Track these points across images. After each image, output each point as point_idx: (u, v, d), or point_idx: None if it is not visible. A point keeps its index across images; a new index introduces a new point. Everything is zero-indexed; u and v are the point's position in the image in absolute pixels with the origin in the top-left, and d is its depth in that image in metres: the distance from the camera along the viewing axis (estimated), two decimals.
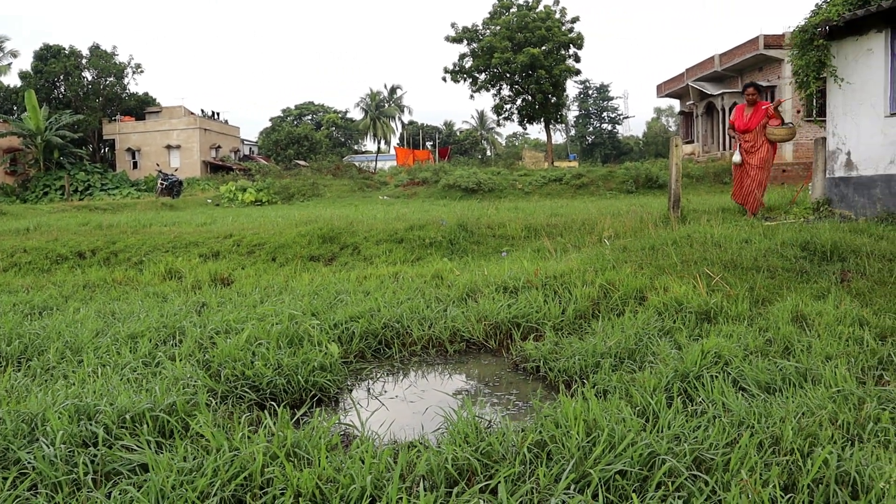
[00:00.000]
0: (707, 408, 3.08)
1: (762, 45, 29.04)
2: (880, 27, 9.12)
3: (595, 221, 9.27)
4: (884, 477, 2.26)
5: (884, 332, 4.24)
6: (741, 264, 5.96)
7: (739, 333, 4.26)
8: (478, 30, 43.11)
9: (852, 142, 9.61)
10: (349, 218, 12.61)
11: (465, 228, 9.83)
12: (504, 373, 4.56)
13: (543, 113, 43.16)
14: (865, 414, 2.89)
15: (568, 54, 43.28)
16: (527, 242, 9.11)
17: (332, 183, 30.82)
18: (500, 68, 41.26)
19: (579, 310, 5.26)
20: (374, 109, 73.25)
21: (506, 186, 26.73)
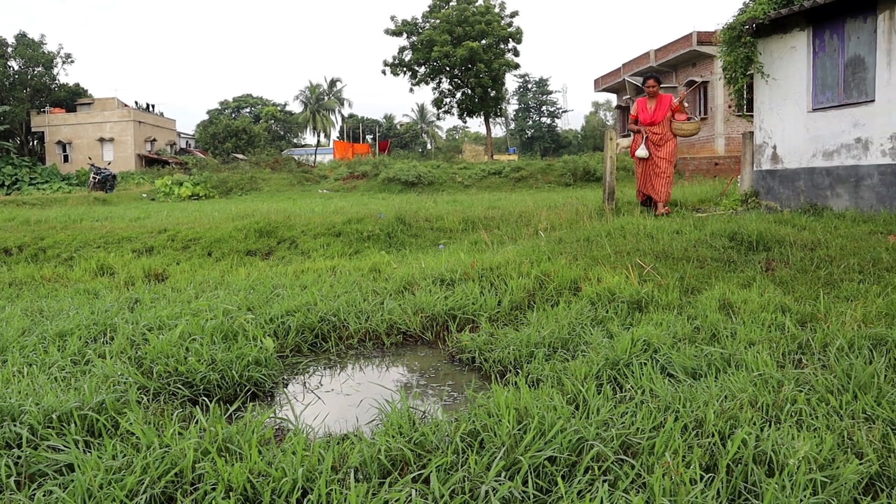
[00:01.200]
0: (635, 394, 3.16)
1: (695, 42, 29.73)
2: (803, 26, 9.45)
3: (532, 214, 9.39)
4: (796, 455, 2.36)
5: (804, 318, 4.40)
6: (672, 255, 6.12)
7: (669, 321, 4.37)
8: (417, 23, 43.05)
9: (778, 136, 9.94)
10: (287, 212, 12.48)
11: (404, 221, 9.84)
12: (440, 364, 4.59)
13: (483, 106, 43.38)
14: (783, 396, 3.00)
15: (507, 48, 43.60)
16: (464, 235, 9.17)
17: (271, 177, 30.40)
18: (440, 62, 41.31)
19: (515, 301, 5.32)
20: (314, 102, 72.46)
21: (445, 180, 26.79)
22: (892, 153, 8.39)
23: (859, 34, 8.81)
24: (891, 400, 2.99)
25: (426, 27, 42.49)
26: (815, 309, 4.50)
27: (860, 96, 8.80)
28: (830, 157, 9.21)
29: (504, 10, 43.19)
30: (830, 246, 6.29)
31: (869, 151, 8.66)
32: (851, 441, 2.67)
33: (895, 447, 2.60)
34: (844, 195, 9.01)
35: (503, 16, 43.02)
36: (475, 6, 42.29)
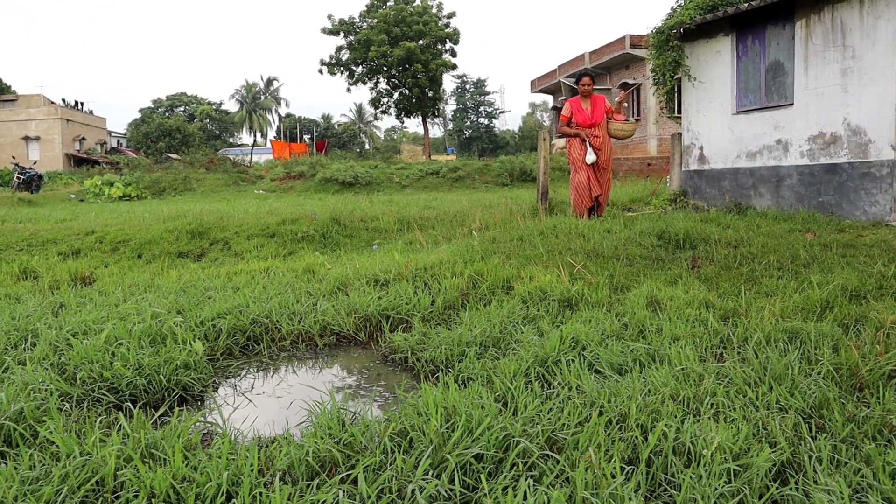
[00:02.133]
0: (562, 390, 3.22)
1: (628, 45, 30.41)
2: (727, 31, 9.76)
3: (467, 214, 9.46)
4: (710, 445, 2.45)
5: (726, 314, 4.55)
6: (603, 253, 6.25)
7: (598, 319, 4.46)
8: (354, 22, 42.83)
9: (705, 137, 10.24)
10: (221, 213, 12.28)
11: (339, 222, 9.79)
12: (373, 364, 4.59)
13: (420, 107, 43.43)
14: (703, 389, 3.10)
15: (445, 49, 43.76)
16: (399, 235, 9.17)
17: (206, 177, 29.83)
18: (377, 62, 41.20)
19: (448, 301, 5.36)
20: (250, 101, 71.43)
21: (383, 180, 26.73)
22: (809, 154, 8.74)
23: (779, 40, 9.15)
24: (803, 390, 3.12)
25: (363, 27, 42.32)
26: (737, 304, 4.66)
27: (780, 100, 9.15)
28: (753, 157, 9.54)
29: (441, 11, 43.34)
30: (753, 244, 6.52)
31: (789, 153, 9.01)
32: (766, 430, 2.78)
33: (805, 435, 2.72)
34: (767, 194, 9.35)
35: (440, 16, 43.17)
36: (413, 6, 42.31)
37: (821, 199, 8.65)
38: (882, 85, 7.87)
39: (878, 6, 7.87)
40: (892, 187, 7.84)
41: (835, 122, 8.43)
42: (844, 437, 2.69)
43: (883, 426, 2.76)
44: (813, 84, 8.67)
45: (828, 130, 8.53)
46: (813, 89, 8.67)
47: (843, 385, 3.25)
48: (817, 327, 3.93)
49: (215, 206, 15.51)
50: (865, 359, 3.42)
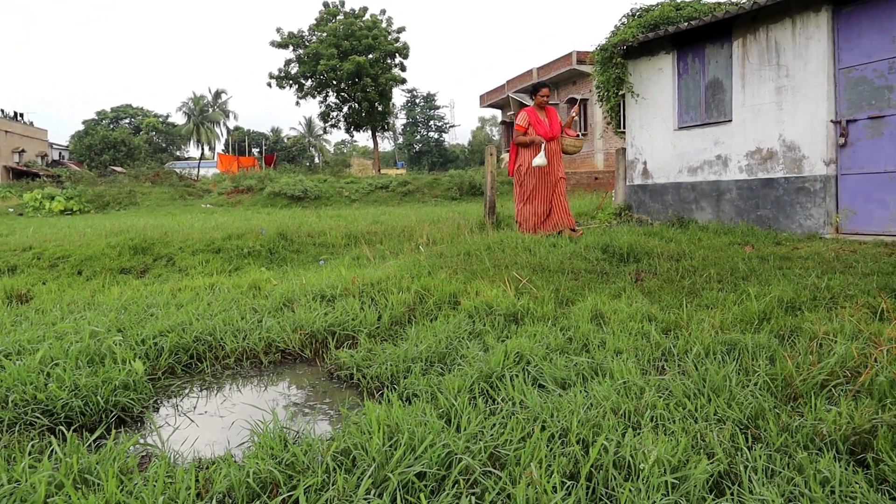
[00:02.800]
0: (506, 406, 3.24)
1: (575, 61, 30.93)
2: (668, 49, 10.00)
3: (415, 228, 9.46)
4: (649, 458, 2.48)
5: (668, 326, 4.63)
6: (548, 267, 6.32)
7: (543, 333, 4.50)
8: (304, 36, 42.68)
9: (648, 152, 10.44)
10: (165, 227, 12.05)
11: (286, 237, 9.70)
12: (318, 382, 4.54)
13: (370, 121, 43.40)
14: (644, 402, 3.15)
15: (394, 63, 43.86)
16: (347, 250, 9.13)
17: (151, 191, 29.26)
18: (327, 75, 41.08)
19: (395, 316, 5.34)
20: (198, 114, 70.39)
21: (332, 194, 26.59)
22: (747, 169, 8.99)
23: (718, 59, 9.41)
24: (740, 401, 3.19)
25: (313, 40, 42.18)
26: (679, 317, 4.74)
27: (720, 116, 9.40)
28: (695, 172, 9.77)
29: (391, 26, 43.47)
30: (694, 257, 6.66)
31: (728, 168, 9.25)
32: (704, 442, 2.82)
33: (742, 446, 2.78)
34: (708, 208, 9.57)
35: (390, 31, 43.29)
36: (362, 21, 42.35)
37: (759, 213, 8.90)
38: (814, 102, 8.15)
39: (809, 27, 8.17)
40: (825, 201, 8.11)
41: (771, 139, 8.70)
42: (779, 447, 2.76)
43: (815, 435, 2.83)
44: (750, 101, 8.93)
45: (764, 146, 8.79)
46: (750, 106, 8.94)
47: (779, 395, 3.32)
48: (755, 339, 4.02)
49: (160, 221, 15.23)
50: (799, 369, 3.50)
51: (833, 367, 3.44)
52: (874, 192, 7.71)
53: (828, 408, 3.03)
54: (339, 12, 42.93)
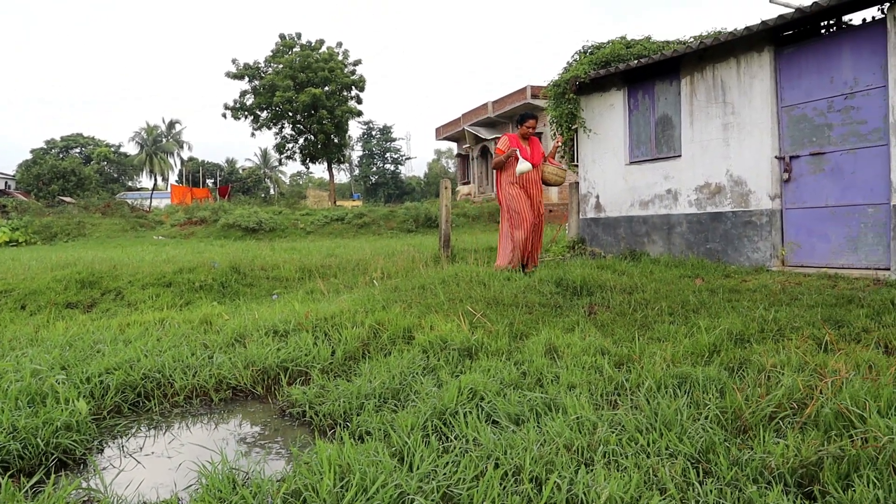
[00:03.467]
0: (459, 443, 3.21)
1: (529, 95, 31.44)
2: (619, 86, 10.23)
3: (370, 262, 9.42)
4: (601, 497, 2.48)
5: (621, 360, 4.66)
6: (503, 301, 6.33)
7: (497, 368, 4.49)
8: (260, 67, 42.65)
9: (600, 186, 10.61)
10: (115, 260, 11.80)
11: (239, 270, 9.57)
12: (270, 419, 4.46)
13: (326, 153, 43.38)
14: (597, 438, 3.15)
15: (350, 95, 44.04)
16: (301, 284, 9.04)
17: (102, 222, 28.70)
18: (283, 107, 41.02)
19: (349, 351, 5.29)
20: (151, 144, 69.52)
21: (287, 226, 26.41)
22: (697, 203, 9.19)
23: (667, 95, 9.65)
24: (691, 435, 3.21)
25: (269, 72, 42.14)
26: (631, 350, 4.78)
27: (669, 151, 9.62)
28: (646, 206, 9.95)
29: (348, 58, 43.71)
30: (646, 290, 6.75)
31: (678, 202, 9.44)
32: (656, 477, 2.84)
33: (693, 480, 2.79)
34: (659, 241, 9.74)
35: (346, 63, 43.51)
36: (318, 53, 42.51)
37: (708, 246, 9.08)
38: (759, 139, 8.40)
39: (753, 67, 8.44)
40: (771, 235, 8.32)
41: (719, 174, 8.92)
42: (729, 481, 2.78)
43: (764, 468, 2.86)
44: (698, 137, 9.17)
45: (713, 181, 9.01)
46: (698, 142, 9.17)
47: (729, 428, 3.36)
48: (705, 371, 4.06)
49: (110, 253, 14.92)
50: (748, 401, 3.55)
51: (781, 400, 3.49)
52: (817, 226, 7.94)
53: (776, 440, 3.07)
54: (295, 44, 43.03)
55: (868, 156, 7.40)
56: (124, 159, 74.04)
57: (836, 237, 7.76)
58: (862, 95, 7.44)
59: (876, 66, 7.29)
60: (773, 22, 7.77)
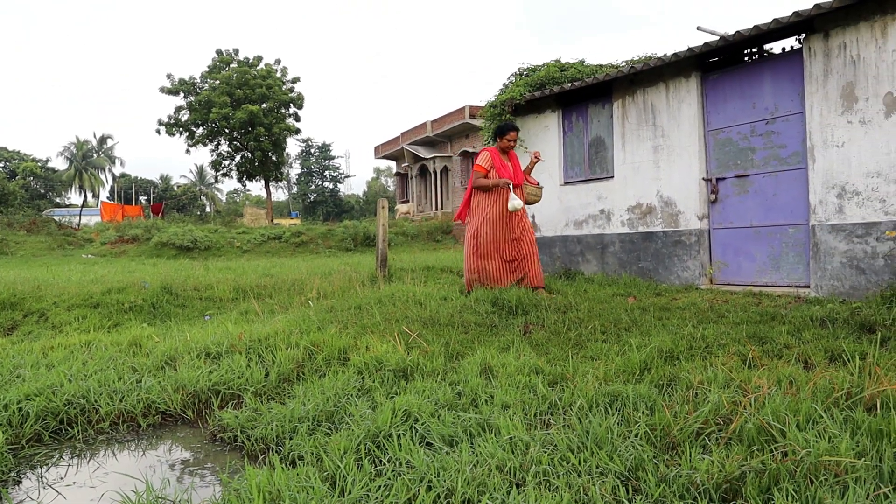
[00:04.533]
0: (392, 466, 3.20)
1: (468, 115, 31.72)
2: (554, 108, 10.43)
3: (306, 282, 9.33)
4: None
5: (555, 379, 4.70)
6: (439, 321, 6.34)
7: (432, 388, 4.48)
8: (195, 83, 41.93)
9: (536, 206, 10.77)
10: (39, 280, 11.39)
11: (170, 291, 9.35)
12: (201, 445, 4.36)
13: (263, 170, 42.84)
14: (529, 458, 3.18)
15: (289, 113, 43.65)
16: (235, 304, 8.89)
17: (27, 240, 27.70)
18: (219, 123, 40.40)
19: (283, 373, 5.22)
20: (81, 160, 67.58)
21: (223, 244, 25.95)
22: (629, 223, 9.40)
23: (600, 118, 9.88)
24: (621, 453, 3.27)
25: (205, 88, 41.48)
26: (565, 369, 4.84)
27: (602, 172, 9.83)
28: (580, 226, 10.13)
29: (286, 76, 43.38)
30: (580, 308, 6.85)
31: (611, 222, 9.65)
32: (587, 496, 2.87)
33: (623, 498, 2.84)
34: (593, 261, 9.92)
35: (285, 81, 43.16)
36: (256, 70, 42.07)
37: (640, 265, 9.30)
38: (688, 161, 8.66)
39: (681, 92, 8.72)
40: (699, 254, 8.58)
41: (650, 195, 9.16)
42: (657, 498, 2.83)
43: (690, 484, 2.93)
44: (630, 159, 9.40)
45: (644, 202, 9.24)
46: (630, 164, 9.40)
47: (658, 445, 3.42)
48: (636, 389, 4.13)
49: (34, 273, 14.39)
50: (677, 418, 3.62)
51: (707, 416, 3.57)
52: (742, 245, 8.22)
53: (702, 456, 3.13)
54: (232, 60, 42.51)
55: (788, 178, 7.71)
56: (52, 175, 71.72)
57: (761, 256, 8.03)
58: (782, 121, 7.76)
59: (794, 94, 7.62)
60: (699, 49, 8.05)
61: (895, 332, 5.21)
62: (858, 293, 6.86)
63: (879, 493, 2.64)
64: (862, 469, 2.78)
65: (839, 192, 7.05)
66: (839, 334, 5.27)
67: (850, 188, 6.96)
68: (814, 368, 4.43)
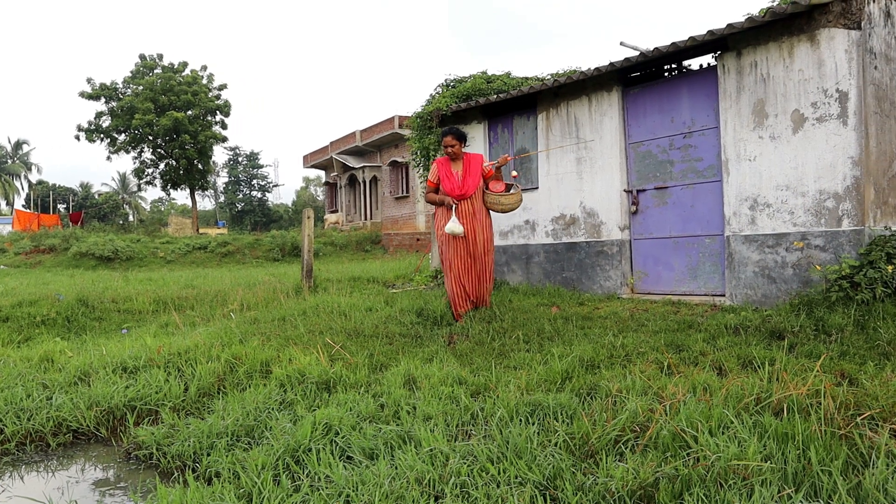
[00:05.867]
0: (311, 481, 3.16)
1: (397, 125, 31.71)
2: (480, 119, 10.53)
3: (229, 293, 9.15)
4: None
5: (478, 389, 4.73)
6: (363, 332, 6.31)
7: (355, 401, 4.45)
8: (118, 88, 40.69)
9: None
10: None
11: (87, 303, 9.03)
12: (114, 464, 4.22)
13: (188, 179, 41.87)
14: (449, 470, 3.19)
15: (215, 121, 42.80)
16: (155, 317, 8.65)
17: None
18: (142, 130, 39.28)
19: (203, 387, 5.11)
20: None
21: (146, 255, 25.22)
22: (553, 234, 9.56)
23: (525, 129, 10.02)
24: (540, 462, 3.31)
25: (127, 93, 40.31)
26: (488, 379, 4.87)
27: (528, 184, 9.96)
28: (506, 236, 10.24)
29: (212, 82, 42.54)
30: (504, 318, 6.92)
31: (536, 232, 9.79)
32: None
33: None
34: (518, 270, 10.04)
35: (211, 88, 42.32)
36: (181, 76, 41.11)
37: (564, 275, 9.45)
38: (610, 173, 8.87)
39: (603, 105, 8.94)
40: (621, 264, 8.78)
41: (573, 206, 9.34)
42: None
43: (606, 492, 2.98)
44: (554, 170, 9.56)
45: (567, 213, 9.41)
46: (554, 175, 9.56)
47: (577, 453, 3.47)
48: (556, 398, 4.18)
49: None
50: (595, 426, 3.68)
51: (625, 423, 3.64)
52: (662, 255, 8.45)
53: (618, 464, 3.20)
54: (156, 66, 41.43)
55: (705, 190, 7.98)
56: None
57: (679, 266, 8.28)
58: (699, 135, 8.03)
59: (710, 109, 7.89)
60: (620, 64, 8.27)
61: (802, 338, 5.44)
62: (770, 301, 7.14)
63: (784, 494, 2.74)
64: (768, 472, 2.88)
65: (751, 204, 7.33)
66: (751, 341, 5.47)
67: (761, 200, 7.25)
68: (727, 375, 4.58)
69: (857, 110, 6.53)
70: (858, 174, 6.53)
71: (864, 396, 3.72)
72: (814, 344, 5.21)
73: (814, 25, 6.77)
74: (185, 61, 42.02)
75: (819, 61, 6.76)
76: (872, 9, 6.71)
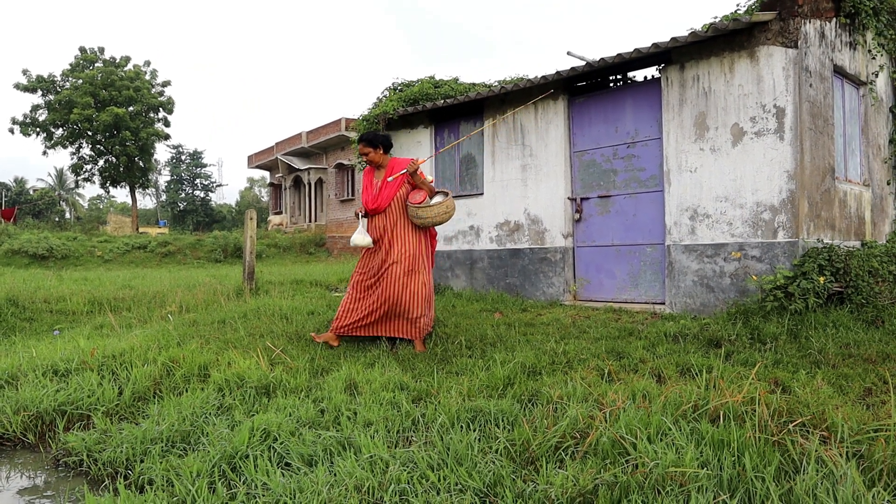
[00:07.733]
0: (247, 489, 3.10)
1: (344, 127, 31.52)
2: (426, 124, 10.54)
3: (168, 294, 8.94)
4: None
5: (419, 395, 4.72)
6: (305, 336, 6.23)
7: (295, 406, 4.39)
8: (55, 81, 39.46)
9: None
10: None
11: (16, 303, 8.71)
12: (42, 471, 4.07)
13: (129, 176, 40.85)
14: (389, 477, 3.16)
15: (158, 117, 41.88)
16: (90, 318, 8.39)
17: None
18: (81, 125, 38.16)
19: (138, 391, 4.97)
20: None
21: (83, 253, 24.51)
22: (497, 240, 9.62)
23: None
24: (480, 469, 3.31)
25: (66, 86, 39.14)
26: (430, 385, 4.86)
27: (472, 189, 10.01)
28: (451, 241, 10.26)
29: (156, 78, 41.64)
30: (447, 324, 6.92)
31: (480, 238, 9.84)
32: None
33: None
34: (462, 276, 10.07)
35: (154, 84, 41.42)
36: (123, 71, 40.14)
37: (508, 281, 9.51)
38: (554, 180, 8.96)
39: (549, 114, 9.03)
40: (564, 271, 8.88)
41: (517, 212, 9.41)
42: None
43: (546, 499, 3.00)
44: (499, 177, 9.62)
45: (512, 219, 9.48)
46: (499, 181, 9.62)
47: (518, 460, 3.48)
48: (498, 405, 4.19)
49: None
50: (536, 433, 3.70)
51: (566, 430, 3.66)
52: (604, 263, 8.57)
53: (557, 471, 3.21)
54: (97, 59, 40.34)
55: (647, 200, 8.13)
56: None
57: (621, 274, 8.41)
58: (642, 145, 8.18)
59: (653, 120, 8.05)
60: (566, 73, 8.37)
61: (738, 346, 5.58)
62: (708, 310, 7.30)
63: (719, 500, 2.80)
64: (704, 478, 2.93)
65: (692, 214, 7.50)
66: (689, 349, 5.58)
67: (701, 211, 7.42)
68: (666, 382, 4.66)
69: (794, 126, 6.73)
70: (794, 188, 6.74)
71: (796, 404, 3.82)
72: (749, 352, 5.34)
73: (754, 42, 6.97)
74: (127, 56, 41.05)
75: (758, 77, 6.96)
76: (808, 29, 6.95)
